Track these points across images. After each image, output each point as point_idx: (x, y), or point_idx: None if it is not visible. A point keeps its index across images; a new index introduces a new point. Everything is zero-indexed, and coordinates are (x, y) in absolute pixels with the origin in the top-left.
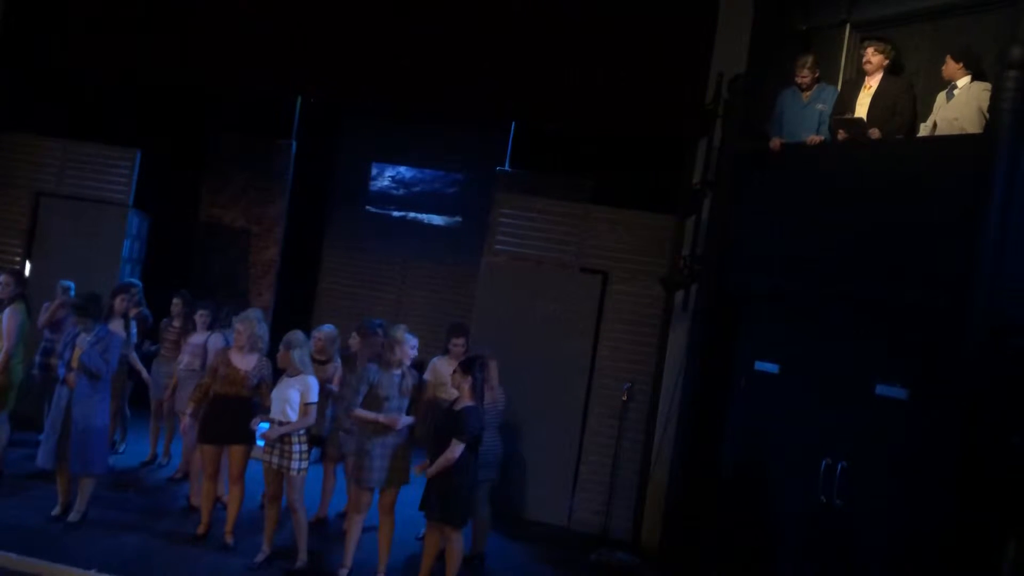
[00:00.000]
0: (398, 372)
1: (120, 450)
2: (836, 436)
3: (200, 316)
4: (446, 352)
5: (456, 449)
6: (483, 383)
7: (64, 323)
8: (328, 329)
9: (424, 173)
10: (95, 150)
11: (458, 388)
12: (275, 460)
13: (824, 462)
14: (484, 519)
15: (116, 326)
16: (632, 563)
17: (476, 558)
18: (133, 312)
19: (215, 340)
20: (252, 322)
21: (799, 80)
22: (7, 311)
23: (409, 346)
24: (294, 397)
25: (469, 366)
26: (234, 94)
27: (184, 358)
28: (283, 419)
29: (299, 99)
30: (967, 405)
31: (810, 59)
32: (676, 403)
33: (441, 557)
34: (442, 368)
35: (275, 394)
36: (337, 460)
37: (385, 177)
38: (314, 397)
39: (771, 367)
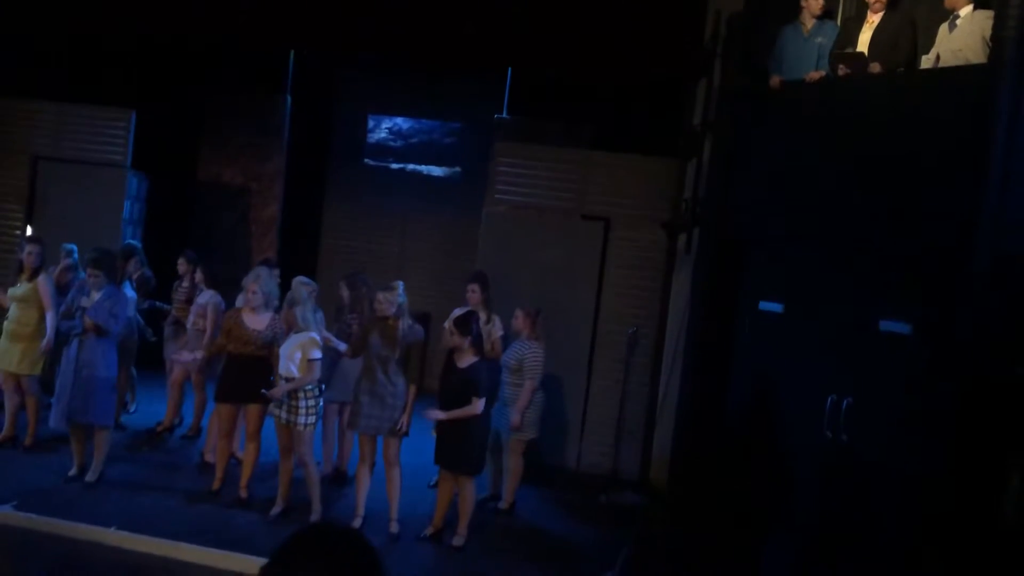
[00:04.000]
0: (388, 326)
1: (132, 410)
2: (841, 373)
3: (195, 275)
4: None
5: (479, 405)
6: (481, 337)
7: (70, 286)
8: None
9: (422, 124)
10: (91, 112)
11: (458, 347)
12: (284, 415)
13: (830, 399)
14: (513, 468)
15: (127, 289)
16: (641, 503)
17: (491, 499)
18: (135, 274)
19: (210, 297)
20: (262, 279)
21: (810, 8)
22: (41, 278)
23: (387, 302)
24: (297, 354)
25: (465, 324)
26: (228, 50)
27: (191, 317)
28: (288, 375)
29: (292, 53)
30: (970, 339)
31: None
32: (681, 345)
33: (454, 504)
34: None
35: (282, 351)
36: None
37: (382, 129)
38: (316, 353)
39: (775, 307)
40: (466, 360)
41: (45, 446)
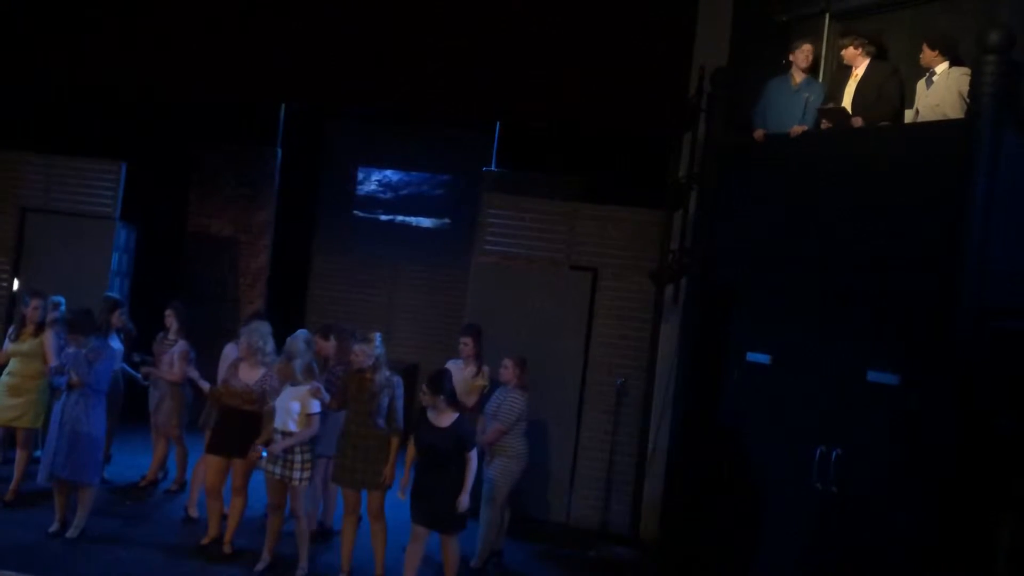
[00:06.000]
0: (367, 377)
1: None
2: (830, 424)
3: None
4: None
5: (475, 461)
6: (455, 392)
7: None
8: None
9: (411, 176)
10: (80, 164)
11: (435, 407)
12: (278, 470)
13: (819, 450)
14: (489, 520)
15: (114, 341)
16: (631, 557)
17: (494, 555)
18: (119, 326)
19: (180, 347)
20: (252, 334)
21: (798, 62)
22: (49, 333)
23: (364, 353)
24: (295, 408)
25: (437, 383)
26: (218, 102)
27: (162, 367)
28: (285, 430)
29: (283, 106)
30: (957, 388)
31: (809, 45)
32: (670, 396)
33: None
34: (452, 371)
35: (278, 404)
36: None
37: (372, 181)
38: (315, 408)
39: (763, 358)
40: (447, 418)
41: (26, 501)
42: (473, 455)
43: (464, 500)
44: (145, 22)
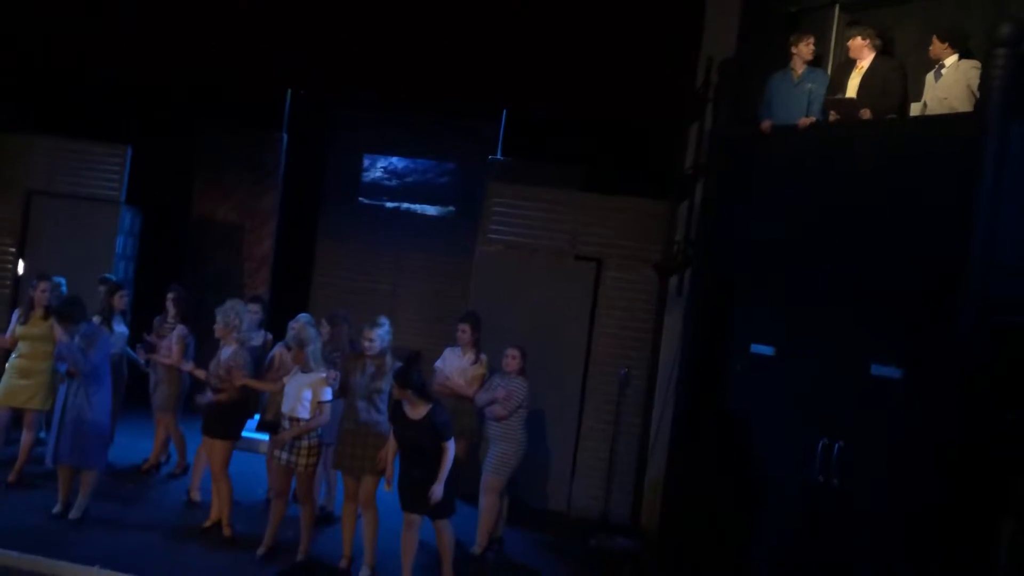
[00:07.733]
0: (370, 363)
1: None
2: (832, 417)
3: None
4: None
5: (452, 450)
6: (423, 384)
7: None
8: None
9: (416, 163)
10: (86, 147)
11: (407, 401)
12: (284, 456)
13: (821, 442)
14: (487, 508)
15: (118, 324)
16: (632, 547)
17: (495, 542)
18: (120, 309)
19: (178, 330)
20: (227, 313)
21: (802, 54)
22: None
23: (368, 338)
24: (307, 395)
25: (405, 376)
26: (224, 88)
27: (161, 351)
28: (293, 415)
29: (289, 92)
30: (961, 383)
31: (812, 36)
32: (672, 387)
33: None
34: (449, 358)
35: (288, 389)
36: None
37: (377, 168)
38: (327, 395)
39: (766, 349)
40: (420, 410)
41: (30, 483)
42: (450, 445)
43: (437, 490)
44: (153, 7)
